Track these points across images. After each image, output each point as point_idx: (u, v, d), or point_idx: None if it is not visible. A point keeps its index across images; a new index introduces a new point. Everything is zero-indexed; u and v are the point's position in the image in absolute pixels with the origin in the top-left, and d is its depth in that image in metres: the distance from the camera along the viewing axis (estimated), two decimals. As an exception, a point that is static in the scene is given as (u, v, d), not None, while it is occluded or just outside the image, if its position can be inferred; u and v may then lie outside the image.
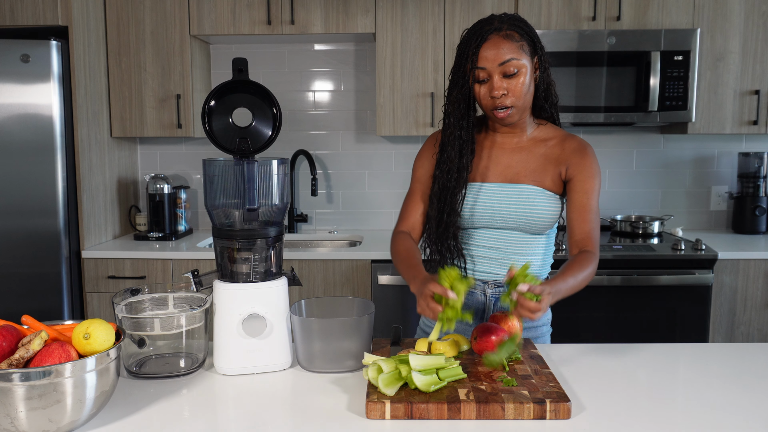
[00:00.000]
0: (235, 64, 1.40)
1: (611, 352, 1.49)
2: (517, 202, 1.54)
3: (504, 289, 1.57)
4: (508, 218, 1.54)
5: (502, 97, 1.46)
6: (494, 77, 1.45)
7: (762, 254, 2.72)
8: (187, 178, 3.39)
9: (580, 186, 1.53)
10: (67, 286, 2.74)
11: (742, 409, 1.18)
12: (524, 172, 1.55)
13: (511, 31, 1.45)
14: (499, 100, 1.46)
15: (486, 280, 1.60)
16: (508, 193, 1.54)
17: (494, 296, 1.60)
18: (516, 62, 1.44)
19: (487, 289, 1.60)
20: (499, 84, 1.45)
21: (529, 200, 1.53)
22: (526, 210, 1.53)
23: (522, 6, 2.87)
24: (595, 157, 1.56)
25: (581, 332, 2.72)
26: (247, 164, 1.36)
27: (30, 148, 2.64)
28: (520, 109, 1.50)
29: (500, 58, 1.43)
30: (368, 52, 3.28)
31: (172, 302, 1.44)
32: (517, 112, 1.50)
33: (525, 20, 1.50)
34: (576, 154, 1.54)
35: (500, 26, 1.45)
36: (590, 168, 1.53)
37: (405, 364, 1.19)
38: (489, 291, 1.60)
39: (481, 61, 1.45)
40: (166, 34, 2.95)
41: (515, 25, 1.46)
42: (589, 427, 1.10)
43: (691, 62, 2.81)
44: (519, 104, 1.48)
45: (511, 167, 1.57)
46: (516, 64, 1.44)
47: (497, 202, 1.54)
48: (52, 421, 1.03)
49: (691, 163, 3.31)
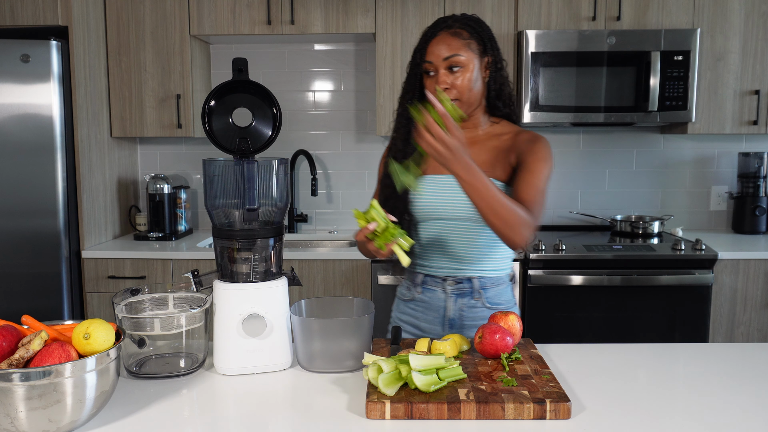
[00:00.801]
0: (235, 64, 1.40)
1: (611, 352, 1.49)
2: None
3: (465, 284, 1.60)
4: (459, 207, 1.56)
5: (445, 91, 1.52)
6: (440, 71, 1.52)
7: (762, 254, 2.72)
8: (187, 178, 3.38)
9: (526, 167, 1.52)
10: (67, 286, 2.74)
11: (742, 409, 1.18)
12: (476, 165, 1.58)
13: (461, 29, 1.53)
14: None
15: (444, 277, 1.62)
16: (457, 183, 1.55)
17: (454, 293, 1.61)
18: (460, 58, 1.51)
19: (447, 287, 1.62)
20: (444, 78, 1.52)
21: None
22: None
23: (522, 6, 2.87)
24: (548, 146, 1.56)
25: (581, 332, 2.72)
26: (247, 164, 1.36)
27: (30, 148, 2.64)
28: (466, 104, 1.55)
29: (446, 53, 1.51)
30: (368, 52, 3.28)
31: (172, 302, 1.44)
32: (463, 106, 1.55)
33: (481, 21, 1.57)
34: (527, 142, 1.57)
35: (452, 24, 1.53)
36: (540, 152, 1.54)
37: (405, 364, 1.19)
38: (449, 288, 1.62)
39: (429, 56, 1.53)
40: (166, 34, 2.95)
41: (466, 24, 1.54)
42: (589, 427, 1.10)
43: (691, 62, 2.81)
44: (464, 98, 1.53)
45: None
46: (460, 60, 1.51)
47: (447, 192, 1.57)
48: (52, 421, 1.03)
49: (691, 163, 3.31)
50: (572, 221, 3.35)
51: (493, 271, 1.63)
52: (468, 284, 1.61)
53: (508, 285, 1.67)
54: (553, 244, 2.74)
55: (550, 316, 2.73)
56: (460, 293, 1.62)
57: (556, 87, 2.85)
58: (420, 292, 1.66)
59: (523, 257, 2.72)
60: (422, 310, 1.66)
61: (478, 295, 1.61)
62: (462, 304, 1.61)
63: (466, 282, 1.61)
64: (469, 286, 1.61)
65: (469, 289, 1.61)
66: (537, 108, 2.85)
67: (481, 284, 1.61)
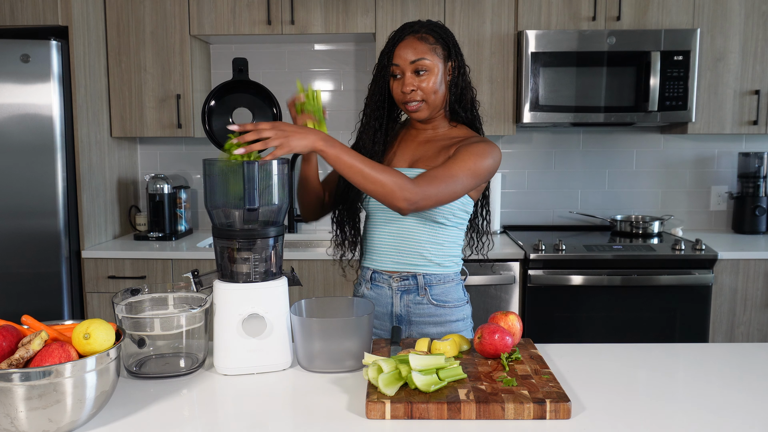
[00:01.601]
0: (235, 64, 1.40)
1: (611, 352, 1.49)
2: None
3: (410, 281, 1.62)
4: None
5: (412, 93, 1.57)
6: (406, 74, 1.57)
7: (762, 254, 2.72)
8: (187, 178, 3.38)
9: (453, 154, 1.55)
10: (67, 286, 2.74)
11: (742, 409, 1.18)
12: (424, 159, 1.62)
13: (427, 34, 1.57)
14: (410, 95, 1.57)
15: (390, 272, 1.64)
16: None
17: (400, 289, 1.63)
18: (426, 62, 1.55)
19: (393, 283, 1.63)
20: (410, 81, 1.56)
21: None
22: None
23: (522, 6, 2.87)
24: (487, 145, 1.56)
25: (581, 332, 2.72)
26: (247, 164, 1.36)
27: (30, 148, 2.64)
28: (430, 106, 1.59)
29: (412, 56, 1.55)
30: (368, 52, 3.28)
31: (172, 302, 1.44)
32: (427, 108, 1.59)
33: (446, 28, 1.62)
34: (469, 139, 1.60)
35: (418, 29, 1.58)
36: (474, 146, 1.55)
37: (405, 364, 1.19)
38: (395, 284, 1.63)
39: (396, 59, 1.57)
40: (166, 34, 2.95)
41: (432, 29, 1.58)
42: (589, 427, 1.10)
43: (691, 62, 2.81)
44: (429, 101, 1.58)
45: (413, 155, 1.65)
46: (425, 64, 1.55)
47: None
48: (52, 421, 1.03)
49: (691, 163, 3.31)
50: (572, 221, 3.35)
51: (438, 268, 1.63)
52: (413, 281, 1.63)
53: (458, 283, 1.68)
54: (553, 244, 2.74)
55: (550, 316, 2.73)
56: (405, 290, 1.63)
57: (556, 87, 2.85)
58: (369, 288, 1.68)
59: (523, 257, 2.72)
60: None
61: (423, 291, 1.62)
62: (408, 301, 1.63)
63: (411, 278, 1.63)
64: (414, 282, 1.62)
65: (414, 286, 1.63)
66: (537, 108, 2.85)
67: (426, 281, 1.62)
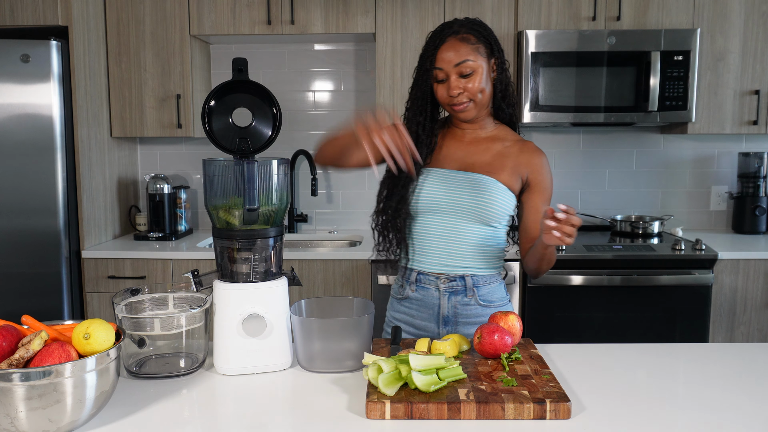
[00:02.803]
0: (235, 64, 1.40)
1: (611, 352, 1.49)
2: (469, 189, 1.58)
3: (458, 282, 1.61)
4: (460, 204, 1.57)
5: (458, 96, 1.55)
6: (451, 77, 1.54)
7: (762, 254, 2.72)
8: (187, 178, 3.38)
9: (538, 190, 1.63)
10: (67, 286, 2.74)
11: (742, 409, 1.18)
12: (479, 164, 1.61)
13: (468, 34, 1.55)
14: (457, 98, 1.55)
15: (439, 274, 1.62)
16: (460, 179, 1.59)
17: (448, 291, 1.62)
18: (471, 63, 1.53)
19: (441, 284, 1.62)
20: (456, 83, 1.54)
21: (481, 188, 1.57)
22: (478, 197, 1.57)
23: (522, 6, 2.87)
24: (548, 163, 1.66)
25: (581, 332, 2.72)
26: (247, 164, 1.36)
27: (30, 148, 2.64)
28: (478, 105, 1.58)
29: (456, 59, 1.53)
30: (368, 52, 3.28)
31: (172, 302, 1.44)
32: (475, 107, 1.58)
33: (484, 24, 1.59)
34: (539, 163, 1.63)
35: (458, 30, 1.55)
36: (548, 175, 1.65)
37: (405, 364, 1.19)
38: (442, 286, 1.62)
39: (439, 62, 1.55)
40: (166, 34, 2.95)
41: (472, 28, 1.56)
42: (589, 427, 1.10)
43: (691, 62, 2.81)
44: (477, 101, 1.57)
45: (466, 158, 1.63)
46: (471, 65, 1.53)
47: (450, 187, 1.58)
48: (52, 421, 1.03)
49: (691, 163, 3.31)
50: (572, 221, 3.34)
51: (486, 269, 1.63)
52: (461, 282, 1.62)
53: (501, 282, 1.68)
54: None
55: (550, 316, 2.73)
56: (453, 291, 1.62)
57: (556, 87, 2.85)
58: (414, 290, 1.66)
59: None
60: (416, 308, 1.66)
61: (471, 292, 1.62)
62: (455, 302, 1.62)
63: (459, 280, 1.62)
64: (462, 283, 1.62)
65: (462, 287, 1.62)
66: (537, 108, 2.85)
67: (474, 282, 1.62)
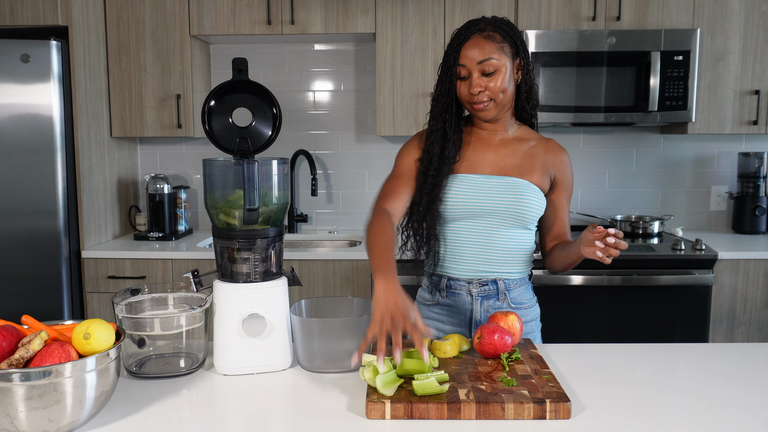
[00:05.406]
0: (235, 64, 1.40)
1: (611, 352, 1.49)
2: (505, 193, 1.56)
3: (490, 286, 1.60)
4: (497, 209, 1.56)
5: (479, 94, 1.52)
6: (473, 74, 1.52)
7: (762, 254, 2.72)
8: (187, 178, 3.38)
9: (563, 187, 1.67)
10: (67, 286, 2.74)
11: (742, 409, 1.18)
12: (510, 167, 1.60)
13: (494, 32, 1.52)
14: (477, 96, 1.52)
15: (470, 279, 1.61)
16: (495, 184, 1.57)
17: (480, 295, 1.60)
18: (494, 62, 1.51)
19: (473, 289, 1.61)
20: (478, 81, 1.51)
21: (518, 192, 1.57)
22: (515, 201, 1.56)
23: (522, 6, 2.87)
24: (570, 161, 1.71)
25: (581, 332, 2.72)
26: (247, 164, 1.36)
27: (30, 148, 2.64)
28: (499, 106, 1.55)
29: (479, 56, 1.50)
30: (368, 52, 3.28)
31: (172, 302, 1.44)
32: (495, 107, 1.55)
33: (512, 24, 1.56)
34: (564, 162, 1.66)
35: (484, 27, 1.52)
36: (571, 171, 1.69)
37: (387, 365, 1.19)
38: (474, 291, 1.61)
39: (462, 59, 1.52)
40: (166, 34, 2.95)
41: (499, 27, 1.53)
42: (589, 427, 1.10)
43: (691, 62, 2.81)
44: (498, 101, 1.54)
45: (497, 161, 1.61)
46: (494, 64, 1.51)
47: (486, 192, 1.57)
48: (52, 421, 1.03)
49: (691, 163, 3.31)
50: (572, 221, 3.34)
51: (517, 272, 1.62)
52: (493, 286, 1.60)
53: (528, 284, 1.68)
54: (553, 244, 2.74)
55: (550, 316, 2.71)
56: (485, 295, 1.60)
57: (556, 87, 2.85)
58: (444, 297, 1.64)
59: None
60: (447, 313, 1.64)
61: (503, 296, 1.60)
62: (488, 306, 1.60)
63: (491, 284, 1.60)
64: (495, 287, 1.60)
65: (494, 291, 1.60)
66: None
67: (506, 285, 1.61)
